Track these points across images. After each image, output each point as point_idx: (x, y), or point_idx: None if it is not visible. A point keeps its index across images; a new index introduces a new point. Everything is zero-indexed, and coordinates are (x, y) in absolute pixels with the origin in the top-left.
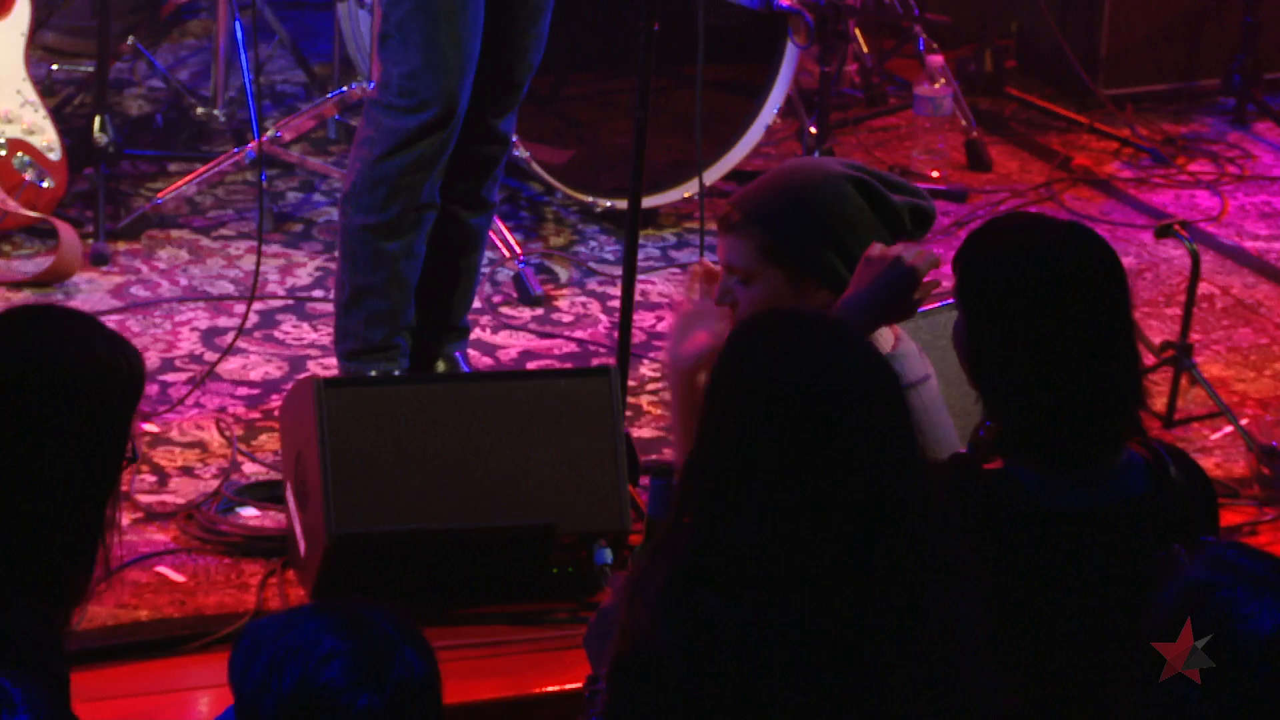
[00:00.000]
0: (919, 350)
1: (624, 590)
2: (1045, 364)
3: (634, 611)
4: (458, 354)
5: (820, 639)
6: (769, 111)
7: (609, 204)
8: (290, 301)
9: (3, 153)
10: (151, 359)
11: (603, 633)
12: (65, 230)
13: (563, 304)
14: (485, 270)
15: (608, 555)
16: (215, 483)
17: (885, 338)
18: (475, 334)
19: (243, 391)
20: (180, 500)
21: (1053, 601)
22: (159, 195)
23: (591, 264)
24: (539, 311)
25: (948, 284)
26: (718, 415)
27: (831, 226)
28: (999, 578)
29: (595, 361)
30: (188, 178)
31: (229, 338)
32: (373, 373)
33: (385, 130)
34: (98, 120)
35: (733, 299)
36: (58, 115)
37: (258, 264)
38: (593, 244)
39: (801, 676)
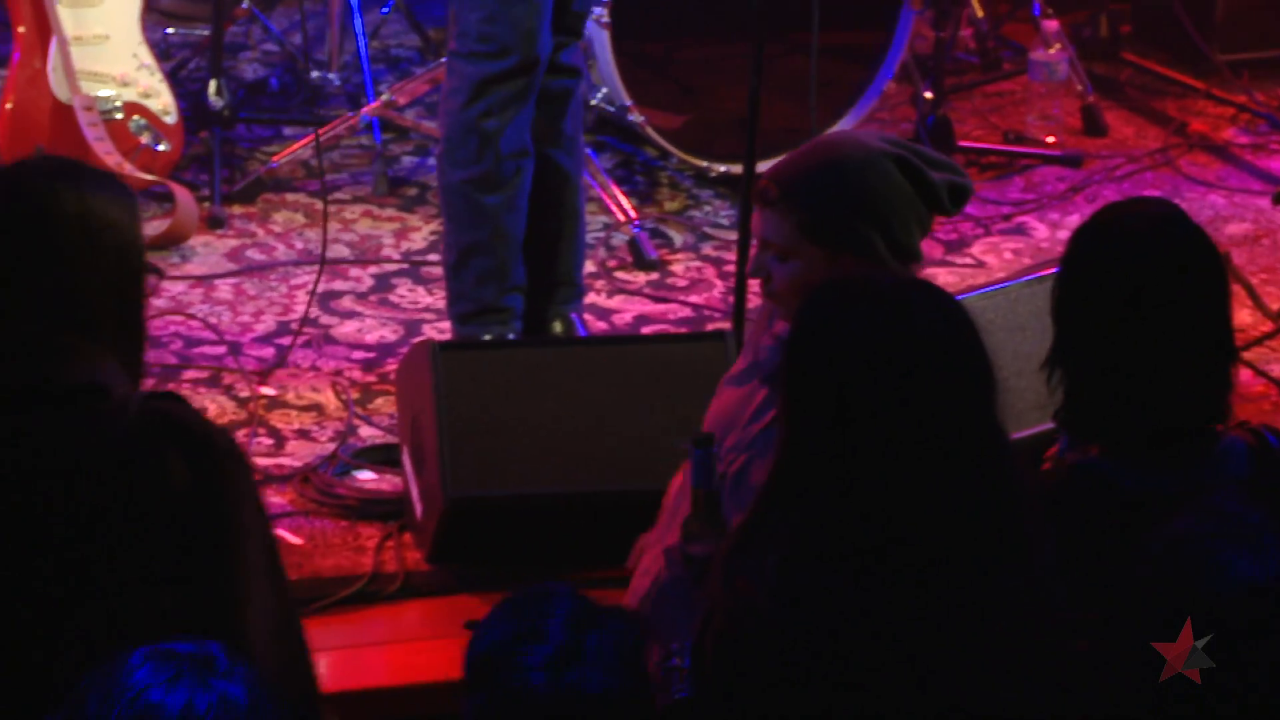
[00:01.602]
0: None
1: (717, 566)
2: (1137, 356)
3: (735, 587)
4: (574, 315)
5: (927, 607)
6: (884, 77)
7: (723, 169)
8: (405, 265)
9: (119, 116)
10: (267, 322)
11: (671, 605)
12: (181, 193)
13: (677, 268)
14: (600, 235)
15: None
16: (332, 446)
17: None
18: (590, 298)
19: (359, 355)
20: (297, 463)
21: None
22: (274, 159)
23: (706, 229)
24: (654, 276)
25: (1023, 261)
26: (805, 389)
27: (872, 204)
28: (1085, 562)
29: (710, 326)
30: (302, 142)
31: (344, 301)
32: (486, 336)
33: (468, 79)
34: (213, 84)
35: (766, 273)
36: (173, 79)
37: (324, 231)
38: (707, 209)
39: (908, 645)
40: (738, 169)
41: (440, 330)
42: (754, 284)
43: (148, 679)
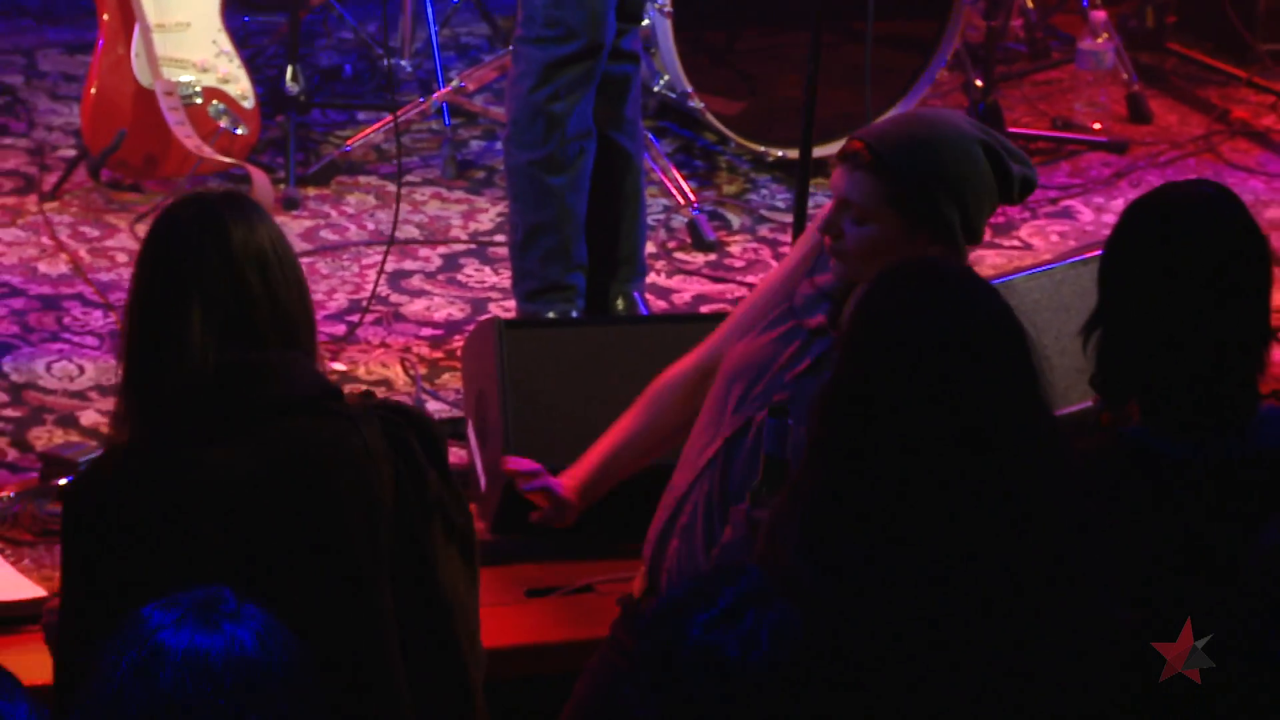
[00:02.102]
0: None
1: (765, 529)
2: (1179, 326)
3: (774, 548)
4: (636, 294)
5: (949, 578)
6: (936, 65)
7: (780, 154)
8: (473, 246)
9: (199, 101)
10: (339, 300)
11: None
12: (258, 175)
13: (735, 250)
14: (660, 217)
15: None
16: None
17: None
18: (650, 278)
19: (427, 332)
20: None
21: (1179, 546)
22: (347, 143)
23: (763, 211)
24: (712, 257)
25: (1068, 244)
26: (856, 361)
27: (959, 184)
28: (1130, 528)
29: None
30: (375, 126)
31: (414, 280)
32: (551, 314)
33: (536, 63)
34: (289, 70)
35: (839, 231)
36: (251, 65)
37: (397, 210)
38: (764, 192)
39: (930, 612)
40: (794, 154)
41: (505, 309)
42: None
43: (157, 624)
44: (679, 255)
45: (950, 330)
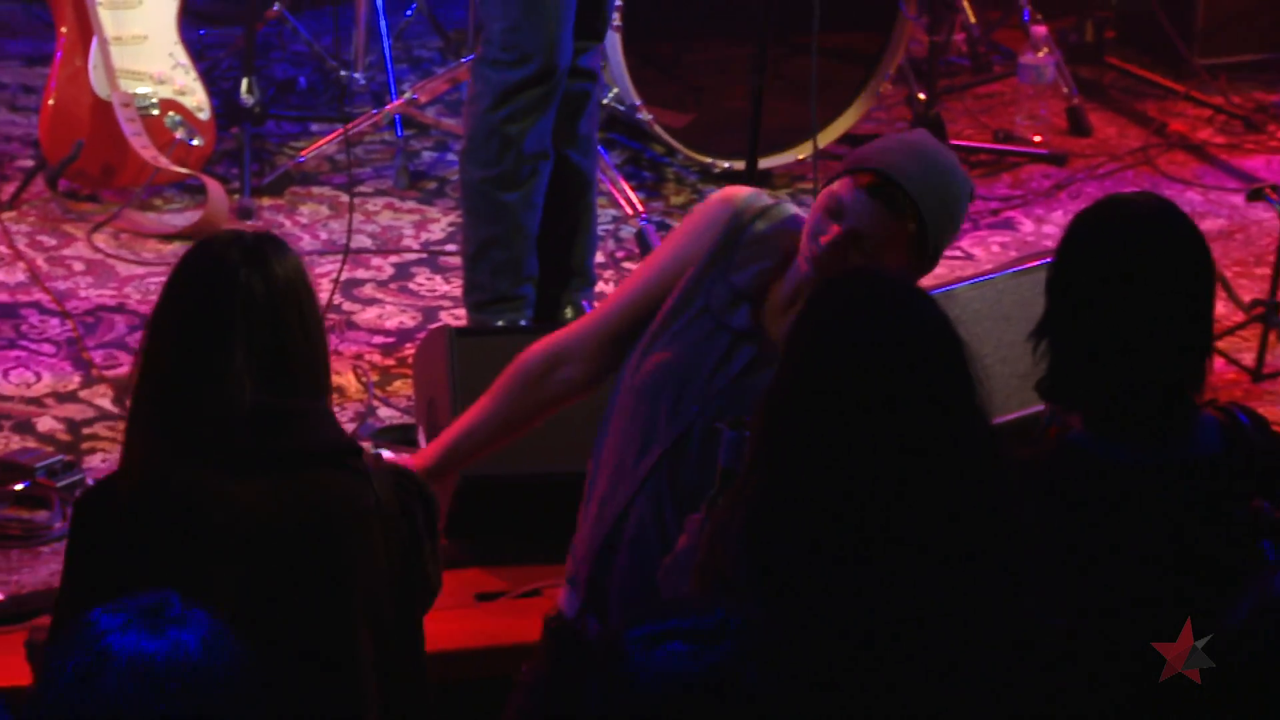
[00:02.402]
0: None
1: (707, 533)
2: (1126, 334)
3: (715, 553)
4: (585, 304)
5: (887, 583)
6: (880, 78)
7: (726, 165)
8: (424, 255)
9: (156, 112)
10: None
11: (676, 573)
12: (213, 186)
13: None
14: (609, 227)
15: None
16: (352, 425)
17: None
18: (600, 287)
19: (379, 340)
20: None
21: (1119, 553)
22: (301, 154)
23: None
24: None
25: (1009, 254)
26: (799, 367)
27: (958, 225)
28: (1067, 533)
29: None
30: (328, 137)
31: (366, 289)
32: (500, 323)
33: (492, 84)
34: (245, 82)
35: (844, 255)
36: (207, 77)
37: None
38: None
39: (865, 617)
40: (740, 165)
41: (456, 317)
42: None
43: (104, 628)
44: (627, 265)
45: (891, 338)
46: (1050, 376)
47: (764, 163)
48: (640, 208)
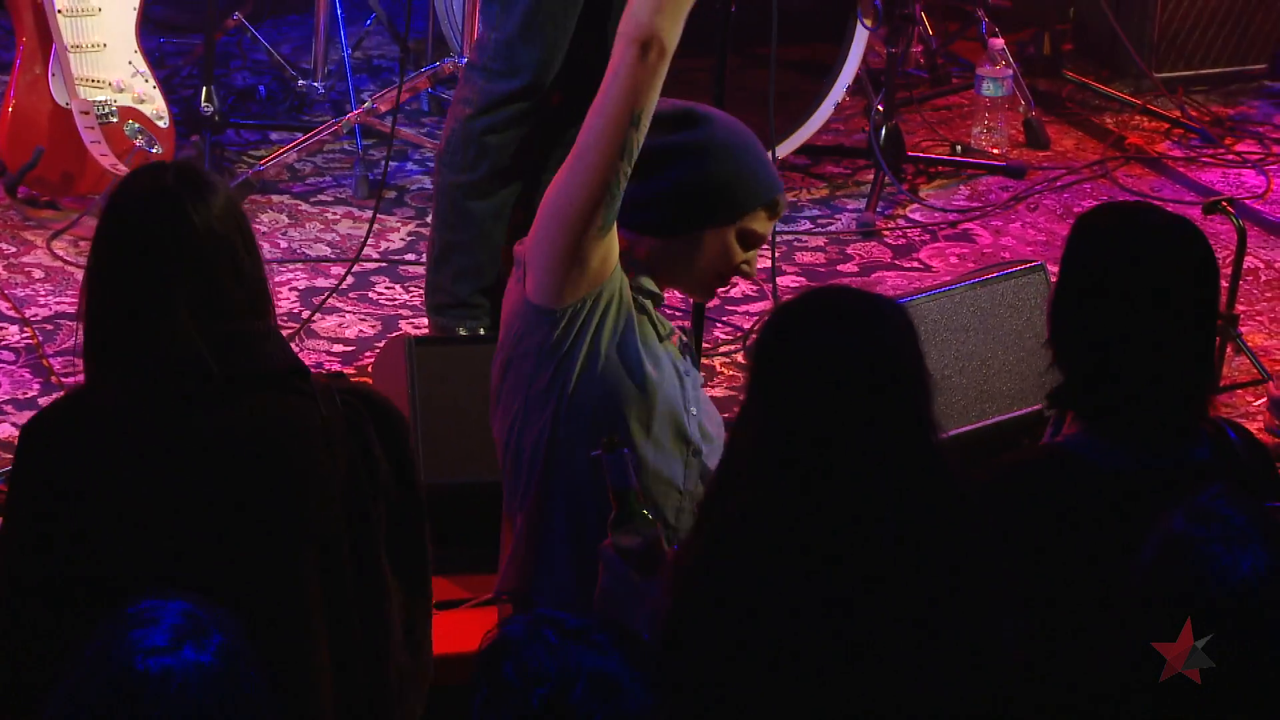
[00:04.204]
0: None
1: (675, 557)
2: (1135, 343)
3: (677, 579)
4: None
5: (848, 610)
6: (839, 90)
7: None
8: (384, 264)
9: (115, 120)
10: None
11: (618, 601)
12: None
13: None
14: None
15: None
16: None
17: None
18: None
19: (339, 349)
20: None
21: (1103, 555)
22: (261, 162)
23: None
24: None
25: (967, 265)
26: (762, 387)
27: None
28: (1058, 535)
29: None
30: (288, 146)
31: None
32: (461, 331)
33: (479, 91)
34: (204, 91)
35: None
36: (167, 86)
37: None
38: None
39: (826, 644)
40: None
41: (416, 326)
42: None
43: (133, 644)
44: None
45: (853, 356)
46: (1065, 388)
47: None
48: None
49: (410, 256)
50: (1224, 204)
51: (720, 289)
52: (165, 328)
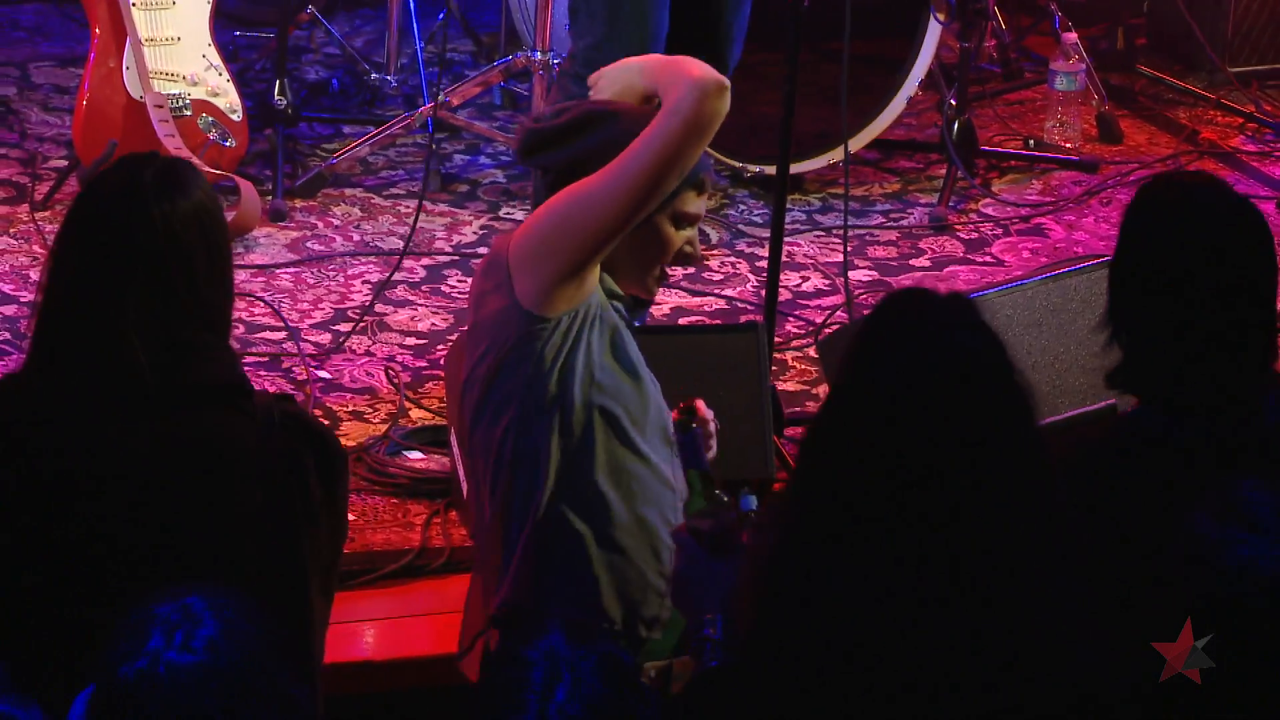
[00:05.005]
0: None
1: (750, 543)
2: (1197, 318)
3: (752, 567)
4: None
5: (921, 610)
6: (911, 84)
7: (758, 170)
8: (456, 257)
9: (189, 113)
10: (325, 309)
11: (693, 584)
12: (246, 187)
13: (713, 263)
14: None
15: (753, 502)
16: (384, 427)
17: None
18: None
19: (411, 342)
20: (351, 443)
21: (1161, 526)
22: (334, 156)
23: (741, 226)
24: (690, 270)
25: (1040, 260)
26: (852, 384)
27: None
28: (1132, 510)
29: (744, 318)
30: (361, 140)
31: (398, 290)
32: None
33: (571, 97)
34: (278, 84)
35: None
36: (240, 79)
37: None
38: (742, 207)
39: (899, 641)
40: (771, 169)
41: None
42: (785, 279)
43: (119, 655)
44: None
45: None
46: (1121, 367)
47: (795, 168)
48: None
49: (482, 250)
50: None
51: (665, 282)
52: (109, 324)
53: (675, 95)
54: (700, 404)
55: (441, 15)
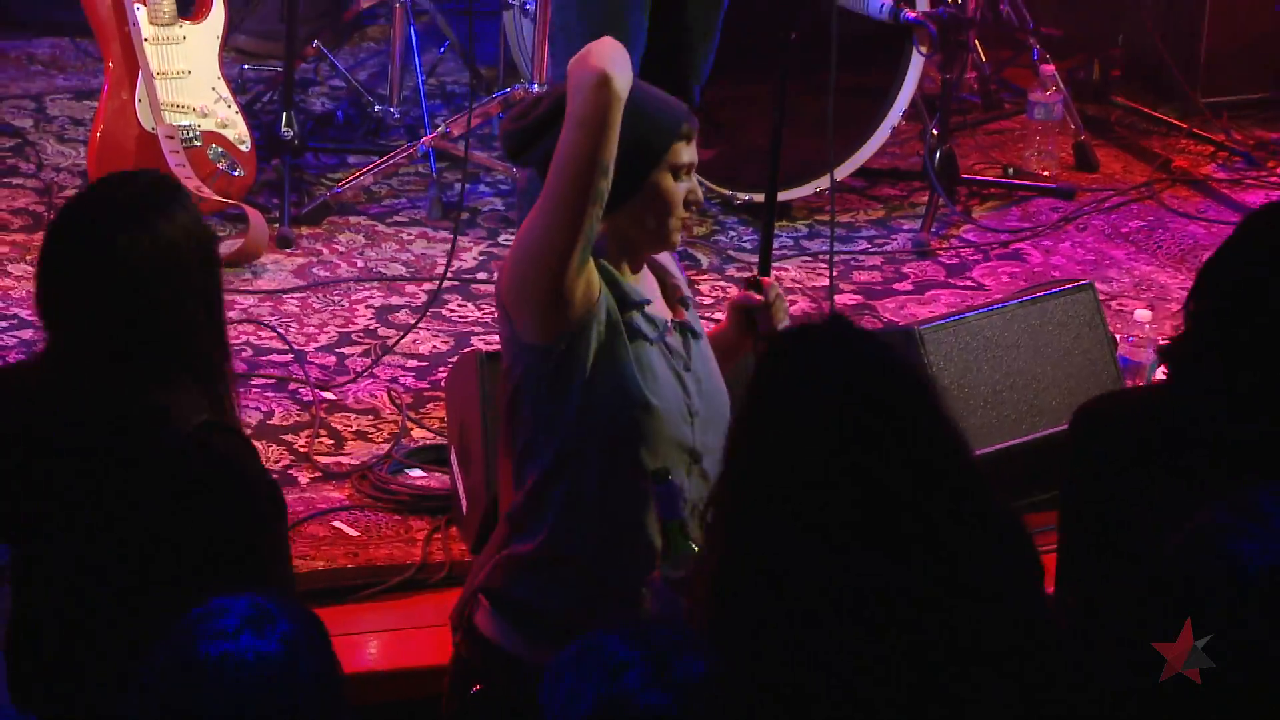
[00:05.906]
0: None
1: (686, 586)
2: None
3: (692, 609)
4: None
5: (866, 651)
6: (895, 115)
7: (747, 197)
8: (457, 283)
9: (199, 144)
10: (330, 333)
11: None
12: (254, 215)
13: (704, 288)
14: None
15: None
16: (387, 446)
17: None
18: None
19: (413, 364)
20: (354, 461)
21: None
22: (339, 185)
23: (730, 252)
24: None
25: (1019, 284)
26: (771, 418)
27: None
28: (1167, 497)
29: None
30: (365, 169)
31: (401, 315)
32: None
33: None
34: (284, 116)
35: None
36: (248, 111)
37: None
38: (732, 234)
39: (847, 682)
40: (760, 197)
41: (487, 342)
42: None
43: (199, 635)
44: None
45: (859, 387)
46: (1179, 342)
47: (783, 195)
48: None
49: (481, 275)
50: None
51: (682, 229)
52: (62, 349)
53: (570, 103)
54: (766, 279)
55: (443, 49)
